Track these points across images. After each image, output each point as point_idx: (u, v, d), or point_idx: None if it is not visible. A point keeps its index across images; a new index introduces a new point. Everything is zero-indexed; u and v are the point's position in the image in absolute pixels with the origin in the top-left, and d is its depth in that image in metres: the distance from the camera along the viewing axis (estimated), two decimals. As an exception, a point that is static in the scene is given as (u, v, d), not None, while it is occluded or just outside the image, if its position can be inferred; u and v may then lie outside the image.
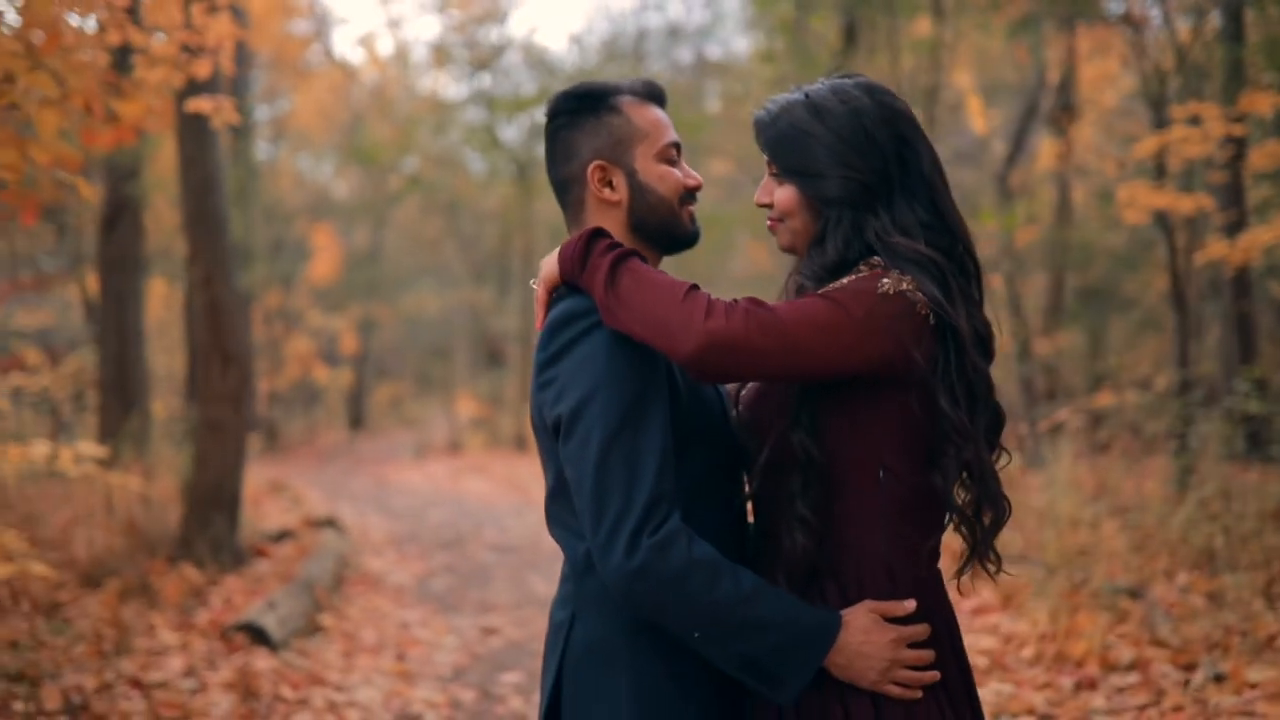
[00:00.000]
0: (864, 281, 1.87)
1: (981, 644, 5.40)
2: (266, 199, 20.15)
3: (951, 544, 2.05)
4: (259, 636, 5.95)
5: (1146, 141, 8.24)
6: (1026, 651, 5.23)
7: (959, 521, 1.96)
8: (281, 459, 19.48)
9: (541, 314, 1.96)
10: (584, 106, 2.02)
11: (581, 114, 2.02)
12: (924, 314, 1.86)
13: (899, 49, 10.46)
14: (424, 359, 30.53)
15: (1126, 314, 13.97)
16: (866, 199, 1.93)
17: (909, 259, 1.89)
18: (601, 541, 1.80)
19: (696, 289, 1.82)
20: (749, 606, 1.80)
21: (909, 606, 1.87)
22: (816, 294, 1.87)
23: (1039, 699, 4.61)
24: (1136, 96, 12.14)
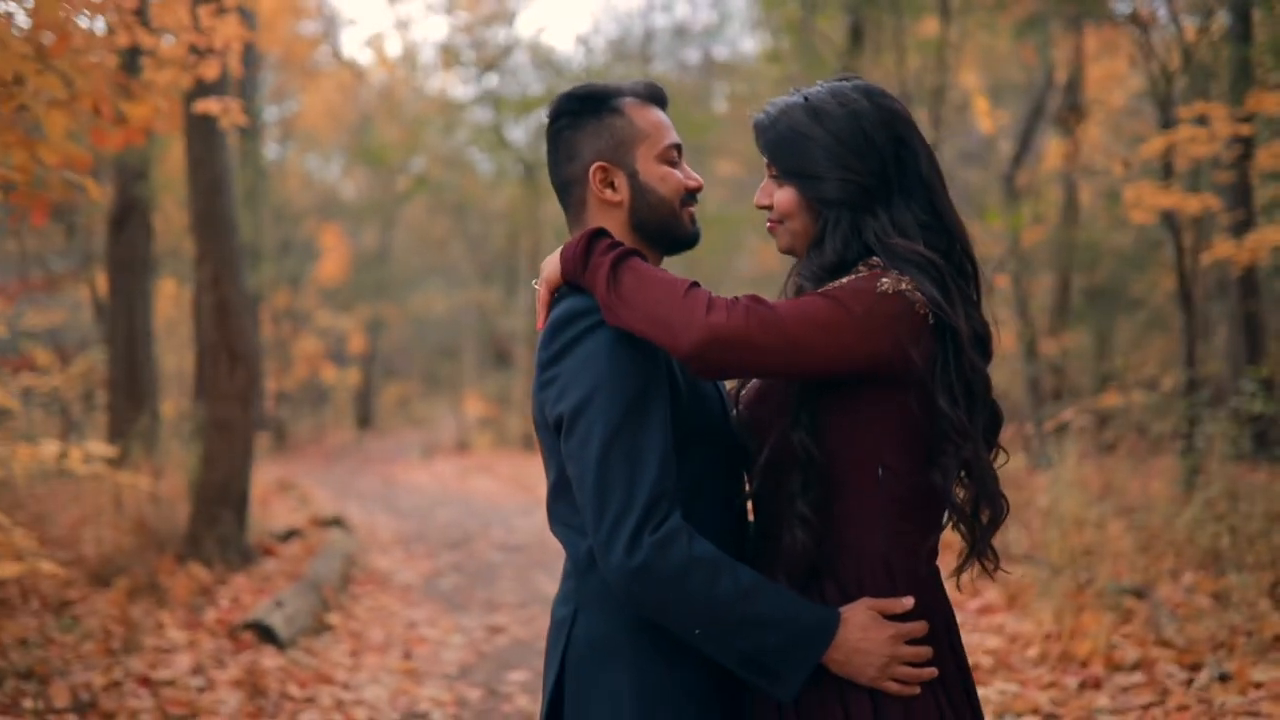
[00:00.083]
0: (863, 281, 1.89)
1: (987, 644, 5.40)
2: (275, 199, 20.21)
3: (952, 543, 2.06)
4: (267, 635, 5.98)
5: (1153, 141, 8.21)
6: (1031, 651, 5.23)
7: (957, 520, 1.97)
8: (289, 458, 19.53)
9: (543, 314, 1.98)
10: (586, 108, 2.04)
11: (583, 115, 2.04)
12: (922, 314, 1.87)
13: (905, 49, 10.45)
14: (432, 359, 30.59)
15: (1133, 314, 13.93)
16: (865, 200, 1.95)
17: (907, 260, 1.91)
18: (603, 539, 1.81)
19: (697, 286, 1.84)
20: (749, 603, 1.82)
21: (907, 604, 1.88)
22: (816, 292, 1.89)
23: (1044, 698, 4.62)
24: (1144, 96, 12.13)
